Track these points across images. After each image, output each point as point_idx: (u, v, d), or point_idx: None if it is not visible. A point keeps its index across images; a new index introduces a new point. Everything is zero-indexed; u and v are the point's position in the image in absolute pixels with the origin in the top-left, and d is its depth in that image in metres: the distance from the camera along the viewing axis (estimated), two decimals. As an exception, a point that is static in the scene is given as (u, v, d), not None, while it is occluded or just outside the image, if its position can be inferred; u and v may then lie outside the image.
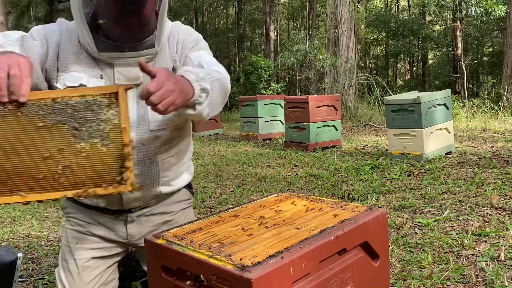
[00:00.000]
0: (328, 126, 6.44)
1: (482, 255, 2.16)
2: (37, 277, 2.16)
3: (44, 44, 1.42)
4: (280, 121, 8.06)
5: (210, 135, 9.26)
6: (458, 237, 2.40)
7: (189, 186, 1.75)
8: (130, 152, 1.18)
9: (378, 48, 24.63)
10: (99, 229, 1.60)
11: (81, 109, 1.16)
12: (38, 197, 1.18)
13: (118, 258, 1.66)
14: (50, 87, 1.44)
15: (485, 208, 2.97)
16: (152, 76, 1.11)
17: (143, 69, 1.11)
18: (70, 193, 1.17)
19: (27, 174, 1.17)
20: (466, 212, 2.88)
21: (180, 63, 1.52)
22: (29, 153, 1.15)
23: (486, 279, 1.89)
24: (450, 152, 5.23)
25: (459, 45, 15.65)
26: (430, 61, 24.07)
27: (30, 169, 1.16)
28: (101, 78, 1.44)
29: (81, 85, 1.42)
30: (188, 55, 1.50)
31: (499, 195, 3.26)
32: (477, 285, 1.86)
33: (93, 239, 1.60)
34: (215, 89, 1.32)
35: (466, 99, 10.63)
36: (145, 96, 1.07)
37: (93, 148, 1.17)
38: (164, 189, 1.58)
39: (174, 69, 1.51)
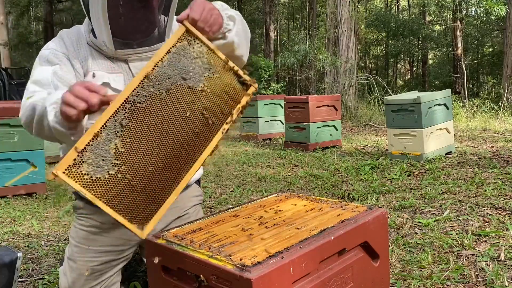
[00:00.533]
0: (328, 126, 6.44)
1: (482, 255, 2.16)
2: (37, 277, 2.16)
3: (67, 63, 1.48)
4: (280, 121, 8.05)
5: (210, 135, 9.25)
6: (458, 237, 2.40)
7: (198, 182, 1.83)
8: (233, 64, 1.27)
9: (378, 48, 24.63)
10: (114, 229, 1.59)
11: (175, 62, 1.19)
12: (208, 151, 1.23)
13: (125, 263, 1.66)
14: None
15: (485, 208, 2.97)
16: (190, 8, 1.22)
17: (181, 20, 1.20)
18: (227, 126, 1.25)
19: (185, 148, 1.18)
20: (466, 212, 2.88)
21: None
22: (175, 127, 1.16)
23: (486, 279, 1.89)
24: (450, 152, 5.23)
25: (459, 45, 15.64)
26: (430, 61, 24.07)
27: (184, 139, 1.18)
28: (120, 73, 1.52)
29: (104, 83, 1.47)
30: None
31: (499, 195, 3.26)
32: (477, 285, 1.86)
33: (105, 241, 1.59)
34: (239, 23, 1.40)
35: (466, 99, 10.64)
36: (193, 23, 1.19)
37: (210, 81, 1.23)
38: (192, 181, 1.69)
39: None
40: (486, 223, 2.64)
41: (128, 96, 1.12)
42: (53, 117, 1.20)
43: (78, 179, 1.07)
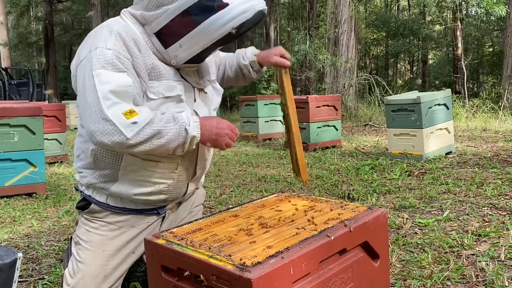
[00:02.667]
0: (328, 126, 6.44)
1: (482, 255, 2.16)
2: (37, 277, 2.16)
3: (130, 69, 1.40)
4: (280, 121, 8.05)
5: (210, 135, 9.25)
6: (458, 237, 2.40)
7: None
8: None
9: (378, 48, 24.62)
10: (129, 231, 1.60)
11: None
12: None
13: (131, 264, 1.66)
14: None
15: (485, 208, 2.97)
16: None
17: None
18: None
19: None
20: (466, 212, 2.88)
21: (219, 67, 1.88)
22: None
23: (486, 279, 1.88)
24: (450, 152, 5.23)
25: (459, 45, 15.64)
26: (430, 61, 24.06)
27: None
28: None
29: (177, 95, 1.49)
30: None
31: (499, 195, 3.26)
32: (477, 285, 1.86)
33: (120, 244, 1.59)
34: None
35: (466, 99, 10.63)
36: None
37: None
38: (203, 179, 1.83)
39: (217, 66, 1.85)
40: (486, 223, 2.64)
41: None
42: (194, 145, 1.44)
43: None
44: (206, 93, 1.65)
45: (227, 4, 1.33)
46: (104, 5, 19.47)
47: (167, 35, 1.42)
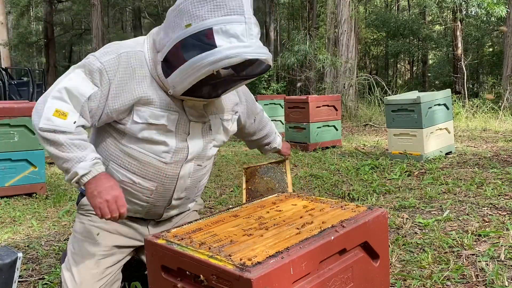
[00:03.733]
0: (328, 126, 6.44)
1: (482, 255, 2.16)
2: (37, 277, 2.16)
3: (105, 91, 1.45)
4: (280, 121, 8.05)
5: (210, 135, 9.25)
6: (458, 237, 2.40)
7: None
8: None
9: (378, 48, 24.62)
10: (121, 227, 1.64)
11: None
12: None
13: (128, 258, 1.68)
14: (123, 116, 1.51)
15: (485, 208, 2.97)
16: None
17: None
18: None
19: None
20: (466, 212, 2.88)
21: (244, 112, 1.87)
22: None
23: (486, 279, 1.88)
24: (450, 152, 5.23)
25: (459, 45, 15.64)
26: (430, 61, 24.05)
27: None
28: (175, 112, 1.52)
29: (161, 125, 1.49)
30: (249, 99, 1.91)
31: (499, 195, 3.26)
32: (477, 285, 1.86)
33: (112, 237, 1.63)
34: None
35: (466, 99, 10.62)
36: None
37: None
38: (191, 204, 1.83)
39: (235, 111, 1.76)
40: (486, 223, 2.64)
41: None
42: (74, 181, 1.40)
43: None
44: (211, 130, 1.62)
45: (215, 46, 1.29)
46: (104, 5, 19.48)
47: (168, 65, 1.43)
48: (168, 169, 1.56)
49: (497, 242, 2.31)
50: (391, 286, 1.79)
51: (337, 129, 6.52)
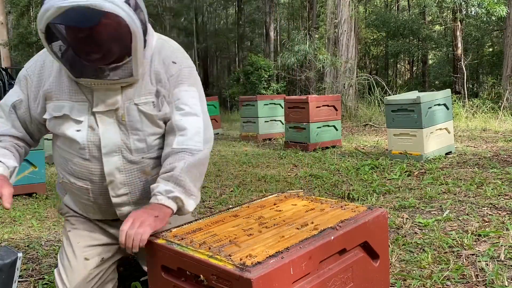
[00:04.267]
0: (328, 126, 6.44)
1: (482, 255, 2.16)
2: (37, 277, 2.16)
3: (25, 96, 1.49)
4: (280, 121, 8.05)
5: (210, 135, 9.25)
6: (458, 237, 2.40)
7: None
8: None
9: (378, 48, 24.61)
10: (99, 230, 1.64)
11: None
12: None
13: (118, 257, 1.67)
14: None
15: (485, 208, 2.97)
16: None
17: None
18: None
19: None
20: (466, 212, 2.88)
21: (167, 89, 1.48)
22: None
23: (486, 279, 1.89)
24: (450, 152, 5.23)
25: (459, 45, 15.63)
26: (430, 61, 24.04)
27: None
28: (86, 102, 1.45)
29: (64, 115, 1.45)
30: (172, 104, 1.48)
31: (499, 195, 3.25)
32: (477, 285, 1.86)
33: (94, 236, 1.62)
34: (189, 180, 1.40)
35: (466, 99, 10.62)
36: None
37: None
38: None
39: (158, 92, 1.47)
40: (486, 223, 2.64)
41: None
42: None
43: None
44: (124, 120, 1.45)
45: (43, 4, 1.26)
46: (104, 5, 19.40)
47: None
48: (90, 166, 1.48)
49: (497, 242, 2.31)
50: (391, 286, 1.79)
51: (337, 129, 6.52)
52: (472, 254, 2.18)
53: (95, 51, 1.33)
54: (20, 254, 1.58)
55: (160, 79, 1.47)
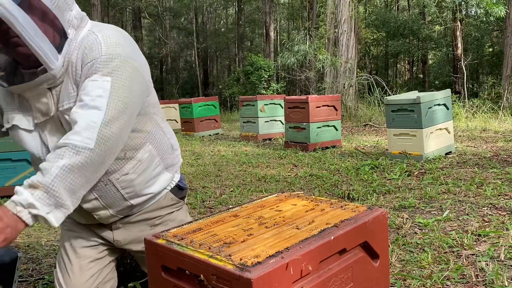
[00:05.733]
0: (328, 126, 6.44)
1: (482, 255, 2.16)
2: (37, 277, 2.16)
3: None
4: (280, 121, 8.06)
5: (210, 135, 9.26)
6: (458, 237, 2.40)
7: (178, 187, 1.66)
8: None
9: (378, 48, 24.62)
10: (90, 232, 1.63)
11: None
12: None
13: (114, 257, 1.67)
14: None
15: (485, 208, 2.97)
16: None
17: None
18: None
19: None
20: (466, 212, 2.88)
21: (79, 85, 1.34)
22: None
23: (486, 279, 1.89)
24: (450, 152, 5.23)
25: (459, 45, 15.64)
26: (430, 61, 24.06)
27: None
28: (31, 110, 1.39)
29: (13, 126, 1.42)
30: (80, 90, 1.32)
31: (499, 195, 3.25)
32: (477, 285, 1.86)
33: (88, 237, 1.62)
34: (64, 190, 1.21)
35: (466, 99, 10.62)
36: None
37: None
38: (135, 200, 1.51)
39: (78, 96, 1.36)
40: (486, 223, 2.64)
41: None
42: None
43: None
44: (63, 125, 1.38)
45: None
46: (104, 5, 19.47)
47: None
48: None
49: (497, 242, 2.31)
50: (391, 286, 1.79)
51: (337, 129, 6.52)
52: (472, 254, 2.18)
53: (8, 59, 1.32)
54: (20, 254, 1.58)
55: (78, 80, 1.33)
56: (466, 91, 12.11)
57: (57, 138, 1.37)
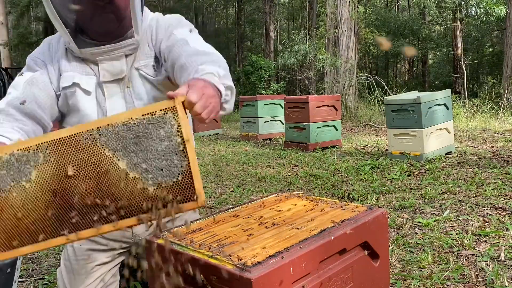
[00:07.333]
0: (328, 126, 6.44)
1: (482, 255, 2.16)
2: (37, 277, 2.16)
3: (44, 69, 1.47)
4: (280, 121, 8.05)
5: (210, 135, 9.26)
6: (458, 237, 2.40)
7: None
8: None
9: (378, 48, 24.61)
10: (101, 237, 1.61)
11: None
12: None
13: (119, 261, 1.67)
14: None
15: (485, 208, 2.97)
16: (188, 86, 1.03)
17: (171, 96, 1.00)
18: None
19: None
20: (466, 212, 2.88)
21: (160, 46, 1.44)
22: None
23: (486, 279, 1.89)
24: (450, 152, 5.23)
25: (459, 45, 15.64)
26: (430, 61, 24.05)
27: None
28: (93, 75, 1.45)
29: (73, 84, 1.44)
30: (172, 41, 1.41)
31: (499, 195, 3.25)
32: (477, 285, 1.86)
33: (96, 240, 1.60)
34: (234, 90, 1.27)
35: (466, 99, 10.62)
36: (189, 107, 1.00)
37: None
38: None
39: (156, 58, 1.47)
40: (486, 223, 2.64)
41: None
42: None
43: None
44: (128, 87, 1.46)
45: None
46: (104, 5, 19.42)
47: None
48: None
49: (497, 242, 2.31)
50: (391, 286, 1.79)
51: (337, 129, 6.52)
52: (472, 254, 2.18)
53: (112, 17, 1.36)
54: (20, 254, 1.59)
55: (156, 42, 1.46)
56: (466, 91, 12.12)
57: (116, 102, 1.44)
